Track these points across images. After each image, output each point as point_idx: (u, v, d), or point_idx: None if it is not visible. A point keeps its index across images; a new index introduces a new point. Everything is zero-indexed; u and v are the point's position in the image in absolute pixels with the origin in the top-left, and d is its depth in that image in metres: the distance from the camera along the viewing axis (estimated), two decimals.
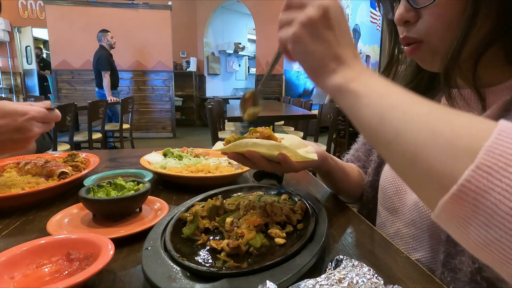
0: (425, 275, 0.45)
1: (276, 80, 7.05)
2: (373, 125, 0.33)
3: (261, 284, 0.33)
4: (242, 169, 0.83)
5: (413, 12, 0.47)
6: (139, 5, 6.06)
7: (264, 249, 0.45)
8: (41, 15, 6.92)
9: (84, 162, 0.92)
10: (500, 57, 0.46)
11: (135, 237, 0.54)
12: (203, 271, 0.40)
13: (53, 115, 0.74)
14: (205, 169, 0.82)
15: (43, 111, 0.72)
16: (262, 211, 0.53)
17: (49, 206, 0.70)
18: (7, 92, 7.30)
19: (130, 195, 0.60)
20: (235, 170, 0.82)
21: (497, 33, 0.44)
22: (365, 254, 0.51)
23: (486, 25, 0.43)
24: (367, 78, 0.37)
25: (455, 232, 0.26)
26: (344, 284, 0.33)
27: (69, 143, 2.97)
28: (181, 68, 7.78)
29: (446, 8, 0.44)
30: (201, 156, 0.98)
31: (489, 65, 0.47)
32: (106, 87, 4.70)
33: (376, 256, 0.51)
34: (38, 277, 0.42)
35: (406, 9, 0.47)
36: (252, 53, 8.92)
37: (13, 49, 7.24)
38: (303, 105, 4.10)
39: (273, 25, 5.07)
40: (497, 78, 0.49)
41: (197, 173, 0.80)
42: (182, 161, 0.91)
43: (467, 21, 0.42)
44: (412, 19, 0.48)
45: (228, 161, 0.90)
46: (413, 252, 0.59)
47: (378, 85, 0.35)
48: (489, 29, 0.43)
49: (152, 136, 6.35)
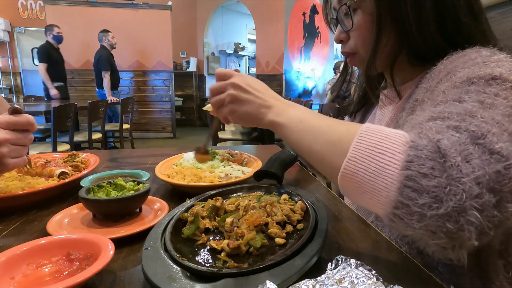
0: (425, 275, 0.45)
1: (276, 80, 7.05)
2: (298, 145, 0.48)
3: (261, 284, 0.33)
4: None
5: (345, 33, 0.65)
6: (139, 5, 6.06)
7: (264, 249, 0.45)
8: (41, 15, 6.92)
9: (84, 162, 0.92)
10: (406, 62, 0.62)
11: (135, 237, 0.54)
12: (203, 271, 0.40)
13: (22, 119, 0.58)
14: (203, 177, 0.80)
15: (6, 117, 0.57)
16: (262, 211, 0.53)
17: (49, 206, 0.70)
18: (7, 92, 7.30)
19: (130, 195, 0.60)
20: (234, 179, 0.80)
21: (399, 47, 0.60)
22: (365, 254, 0.51)
23: (390, 43, 0.60)
24: (289, 111, 0.51)
25: (347, 192, 0.41)
26: (344, 284, 0.33)
27: (69, 143, 2.97)
28: (181, 68, 7.78)
29: (362, 31, 0.61)
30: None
31: (401, 69, 0.64)
32: (106, 87, 4.70)
33: (376, 256, 0.51)
34: (38, 277, 0.42)
35: (339, 32, 0.66)
36: (252, 53, 8.92)
37: (13, 49, 7.24)
38: (303, 105, 4.09)
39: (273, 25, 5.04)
40: (408, 77, 0.66)
41: (198, 182, 0.78)
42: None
43: (374, 40, 0.59)
44: (344, 39, 0.66)
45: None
46: (369, 217, 0.69)
47: (297, 115, 0.50)
48: (393, 45, 0.60)
49: (152, 136, 6.35)
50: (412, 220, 0.33)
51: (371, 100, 0.81)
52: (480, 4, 0.59)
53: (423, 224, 0.33)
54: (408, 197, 0.33)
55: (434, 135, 0.36)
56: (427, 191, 0.32)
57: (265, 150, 1.30)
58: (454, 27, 0.57)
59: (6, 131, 0.57)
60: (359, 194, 0.38)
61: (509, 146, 0.34)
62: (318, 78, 7.93)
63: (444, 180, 0.32)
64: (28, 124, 0.60)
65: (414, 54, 0.61)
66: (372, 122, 0.76)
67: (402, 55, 0.61)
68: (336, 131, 0.44)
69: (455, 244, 0.33)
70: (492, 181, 0.32)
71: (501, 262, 0.54)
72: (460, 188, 0.32)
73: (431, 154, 0.34)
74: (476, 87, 0.43)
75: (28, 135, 0.61)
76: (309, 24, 7.37)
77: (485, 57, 0.48)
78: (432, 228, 0.33)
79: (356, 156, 0.38)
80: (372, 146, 0.37)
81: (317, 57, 7.80)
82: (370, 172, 0.36)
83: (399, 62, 0.62)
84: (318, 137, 0.45)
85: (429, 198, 0.32)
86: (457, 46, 0.54)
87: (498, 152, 0.33)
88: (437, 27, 0.56)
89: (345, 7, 0.62)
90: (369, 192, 0.37)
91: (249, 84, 0.55)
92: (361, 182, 0.37)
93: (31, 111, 2.93)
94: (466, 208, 0.31)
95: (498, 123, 0.36)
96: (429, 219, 0.32)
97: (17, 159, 0.60)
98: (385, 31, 0.59)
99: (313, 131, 0.46)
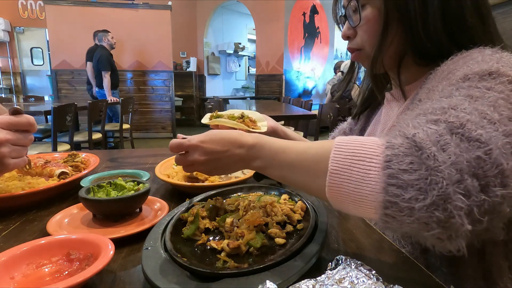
0: (425, 275, 0.45)
1: (276, 80, 7.05)
2: (280, 177, 0.49)
3: (261, 284, 0.33)
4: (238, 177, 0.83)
5: (352, 30, 0.66)
6: (139, 5, 6.06)
7: (264, 249, 0.45)
8: (41, 15, 6.93)
9: (84, 162, 0.92)
10: (411, 62, 0.63)
11: (135, 237, 0.54)
12: (203, 271, 0.40)
13: (22, 120, 0.59)
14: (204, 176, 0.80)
15: (6, 118, 0.57)
16: (262, 211, 0.53)
17: (49, 206, 0.70)
18: (7, 92, 7.30)
19: (130, 195, 0.60)
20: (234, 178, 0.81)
21: (405, 46, 0.61)
22: (365, 254, 0.51)
23: (396, 40, 0.60)
24: (264, 153, 0.49)
25: (338, 205, 0.40)
26: (344, 284, 0.33)
27: (69, 143, 2.96)
28: (181, 68, 7.77)
29: (370, 26, 0.62)
30: None
31: (407, 68, 0.64)
32: (107, 87, 4.70)
33: (376, 256, 0.51)
34: (38, 277, 0.42)
35: (347, 28, 0.67)
36: (252, 53, 8.92)
37: (13, 49, 7.24)
38: (303, 105, 4.09)
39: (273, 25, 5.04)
40: (413, 77, 0.66)
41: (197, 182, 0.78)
42: None
43: (380, 35, 0.60)
44: (351, 35, 0.67)
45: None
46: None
47: (270, 152, 0.49)
48: (399, 43, 0.61)
49: (152, 136, 6.34)
50: (403, 216, 0.34)
51: (375, 103, 0.82)
52: (488, 6, 0.59)
53: (415, 218, 0.34)
54: (394, 194, 0.34)
55: (410, 131, 0.36)
56: (410, 185, 0.33)
57: None
58: (460, 27, 0.57)
59: (7, 131, 0.57)
60: (349, 204, 0.39)
61: (489, 132, 0.34)
62: (318, 78, 7.93)
63: (424, 172, 0.33)
64: (28, 124, 0.60)
65: (420, 53, 0.61)
66: (377, 122, 0.77)
67: (408, 54, 0.62)
68: (309, 155, 0.44)
69: (450, 234, 0.34)
70: (473, 166, 0.33)
71: (506, 263, 0.54)
72: (439, 176, 0.32)
73: (407, 150, 0.35)
74: (469, 83, 0.43)
75: (28, 135, 0.61)
76: (309, 24, 7.37)
77: (486, 56, 0.48)
78: (424, 220, 0.33)
79: (336, 168, 0.38)
80: (350, 155, 0.38)
81: (317, 57, 7.81)
82: (354, 180, 0.37)
83: (404, 61, 0.63)
84: (295, 169, 0.45)
85: (414, 191, 0.33)
86: (462, 47, 0.54)
87: (477, 139, 0.34)
88: (442, 26, 0.57)
89: (354, 3, 0.63)
90: (358, 200, 0.37)
91: (209, 152, 0.51)
92: (348, 192, 0.38)
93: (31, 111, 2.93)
94: (450, 194, 0.32)
95: (479, 112, 0.37)
96: (419, 211, 0.33)
97: (17, 160, 0.60)
98: (391, 27, 0.59)
99: (288, 165, 0.46)
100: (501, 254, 0.53)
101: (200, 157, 0.51)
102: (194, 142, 0.51)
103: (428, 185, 0.33)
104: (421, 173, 0.33)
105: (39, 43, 7.62)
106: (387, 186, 0.34)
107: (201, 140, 0.50)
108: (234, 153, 0.50)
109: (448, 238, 0.34)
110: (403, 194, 0.34)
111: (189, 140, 0.51)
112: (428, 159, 0.33)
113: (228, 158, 0.50)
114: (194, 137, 0.52)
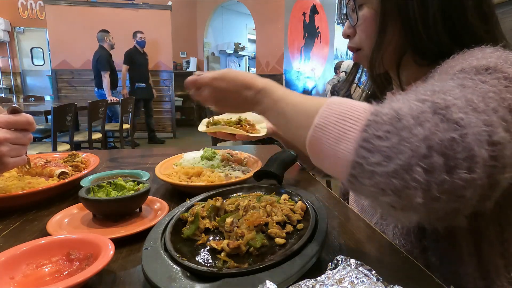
0: (425, 275, 0.45)
1: (276, 80, 6.97)
2: (276, 125, 0.53)
3: (261, 284, 0.33)
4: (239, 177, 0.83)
5: (352, 29, 0.66)
6: (139, 5, 6.06)
7: (264, 249, 0.45)
8: (41, 15, 6.93)
9: (84, 162, 0.92)
10: (412, 62, 0.62)
11: (135, 237, 0.54)
12: (203, 271, 0.40)
13: (21, 119, 0.59)
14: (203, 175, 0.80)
15: (5, 117, 0.57)
16: (262, 211, 0.53)
17: (49, 206, 0.70)
18: (7, 92, 7.30)
19: (130, 195, 0.60)
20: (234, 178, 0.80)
21: (405, 45, 0.60)
22: (365, 254, 0.51)
23: (395, 40, 0.60)
24: (267, 99, 0.53)
25: (314, 158, 0.43)
26: (344, 284, 0.33)
27: (69, 143, 2.97)
28: (181, 68, 7.78)
29: (367, 26, 0.62)
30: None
31: (407, 68, 0.64)
32: (106, 87, 4.70)
33: (376, 256, 0.51)
34: (38, 277, 0.42)
35: (347, 26, 0.67)
36: (252, 53, 8.92)
37: (13, 49, 7.25)
38: None
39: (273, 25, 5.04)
40: (414, 77, 0.64)
41: (197, 182, 0.77)
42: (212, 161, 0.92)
43: (378, 36, 0.60)
44: (351, 34, 0.67)
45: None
46: (372, 218, 0.71)
47: (272, 99, 0.52)
48: (398, 42, 0.60)
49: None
50: (364, 178, 0.36)
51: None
52: (492, 5, 0.58)
53: (374, 182, 0.35)
54: (362, 156, 0.36)
55: (398, 105, 0.38)
56: (379, 150, 0.35)
57: (265, 150, 1.30)
58: (461, 27, 0.56)
59: (6, 130, 0.57)
60: (324, 159, 0.41)
61: (470, 117, 0.35)
62: (318, 78, 7.92)
63: (396, 141, 0.34)
64: (27, 123, 0.60)
65: (420, 53, 0.60)
66: None
67: (408, 54, 0.61)
68: (303, 108, 0.47)
69: (404, 204, 0.35)
70: (445, 146, 0.33)
71: (502, 262, 0.54)
72: (407, 147, 0.33)
73: (389, 120, 0.36)
74: (465, 75, 0.44)
75: (27, 134, 0.61)
76: (309, 24, 7.37)
77: (487, 53, 0.48)
78: (382, 186, 0.35)
79: (321, 123, 0.40)
80: (337, 114, 0.39)
81: (317, 57, 7.80)
82: (332, 137, 0.39)
83: (405, 61, 0.62)
84: (288, 119, 0.48)
85: (380, 157, 0.34)
86: (464, 46, 0.54)
87: (456, 121, 0.34)
88: (443, 26, 0.56)
89: (352, 3, 0.64)
90: (332, 156, 0.39)
91: (219, 90, 0.57)
92: (325, 147, 0.39)
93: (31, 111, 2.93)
94: (412, 166, 0.33)
95: (467, 99, 0.37)
96: (379, 176, 0.34)
97: (16, 158, 0.60)
98: (389, 27, 0.59)
99: (284, 114, 0.49)
100: (498, 253, 0.54)
101: (210, 94, 0.57)
102: (206, 79, 0.57)
103: (395, 153, 0.34)
104: (392, 142, 0.34)
105: (39, 43, 7.63)
106: (358, 148, 0.36)
107: (213, 77, 0.56)
108: (242, 95, 0.54)
109: (401, 208, 0.36)
110: (369, 157, 0.35)
111: (203, 77, 0.57)
112: (403, 130, 0.34)
113: (236, 98, 0.55)
114: (209, 74, 0.57)
